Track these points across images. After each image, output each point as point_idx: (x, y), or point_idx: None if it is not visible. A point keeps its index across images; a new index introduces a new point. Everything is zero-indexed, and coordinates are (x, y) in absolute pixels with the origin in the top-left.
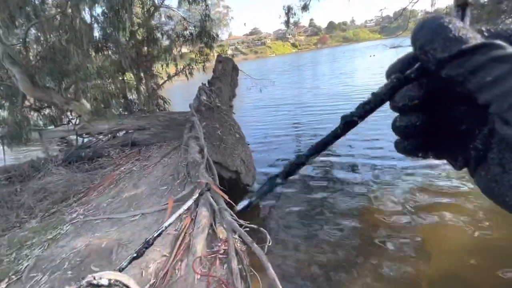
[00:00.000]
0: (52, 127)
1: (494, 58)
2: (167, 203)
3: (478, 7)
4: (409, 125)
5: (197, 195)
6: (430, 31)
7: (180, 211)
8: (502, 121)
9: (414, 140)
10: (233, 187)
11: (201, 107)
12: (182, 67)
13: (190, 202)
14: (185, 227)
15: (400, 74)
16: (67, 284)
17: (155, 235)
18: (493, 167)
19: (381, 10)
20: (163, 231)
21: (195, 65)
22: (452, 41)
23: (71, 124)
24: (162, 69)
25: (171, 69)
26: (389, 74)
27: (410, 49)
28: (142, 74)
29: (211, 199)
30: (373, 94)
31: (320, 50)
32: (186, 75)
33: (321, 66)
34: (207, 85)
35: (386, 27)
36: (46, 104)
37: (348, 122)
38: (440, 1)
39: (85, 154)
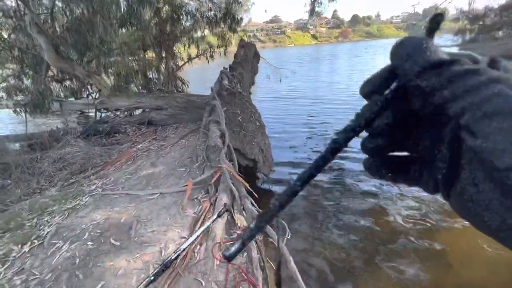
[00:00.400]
0: (72, 99)
1: (469, 70)
2: (186, 185)
3: None
4: (379, 146)
5: (216, 216)
6: (411, 46)
7: (199, 231)
8: (470, 133)
9: (383, 162)
10: (248, 176)
11: (223, 91)
12: (203, 49)
13: (208, 223)
14: (204, 210)
15: (384, 97)
16: (87, 255)
17: (172, 258)
18: (468, 187)
19: (413, 5)
20: (180, 253)
21: (217, 48)
22: (432, 54)
23: (90, 98)
24: (184, 49)
25: (192, 51)
26: (366, 92)
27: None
28: (163, 54)
29: (232, 185)
30: (358, 116)
31: (341, 44)
32: (206, 58)
33: (342, 60)
34: (228, 69)
35: (414, 25)
36: (68, 76)
37: (337, 147)
38: (478, 1)
39: (102, 129)
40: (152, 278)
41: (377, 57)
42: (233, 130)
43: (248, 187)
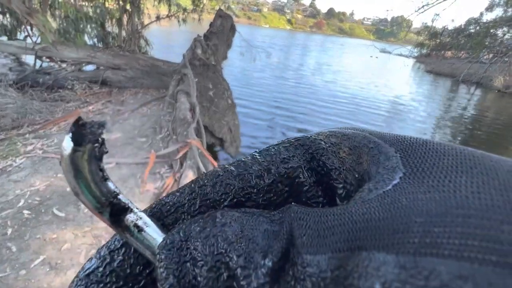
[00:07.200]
0: (3, 38)
1: None
2: (148, 157)
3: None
4: None
5: None
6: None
7: None
8: None
9: None
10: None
11: (195, 61)
12: (175, 10)
13: None
14: (167, 187)
15: None
16: (23, 225)
17: None
18: None
19: (388, 10)
20: None
21: (191, 13)
22: None
23: (30, 41)
24: (153, 6)
25: (162, 9)
26: None
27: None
28: (128, 5)
29: (200, 163)
30: None
31: (314, 35)
32: (178, 21)
33: (312, 53)
34: (203, 38)
35: (380, 30)
36: (0, 9)
37: None
38: (444, 17)
39: (43, 81)
40: None
41: (344, 56)
42: (203, 105)
43: (216, 166)
